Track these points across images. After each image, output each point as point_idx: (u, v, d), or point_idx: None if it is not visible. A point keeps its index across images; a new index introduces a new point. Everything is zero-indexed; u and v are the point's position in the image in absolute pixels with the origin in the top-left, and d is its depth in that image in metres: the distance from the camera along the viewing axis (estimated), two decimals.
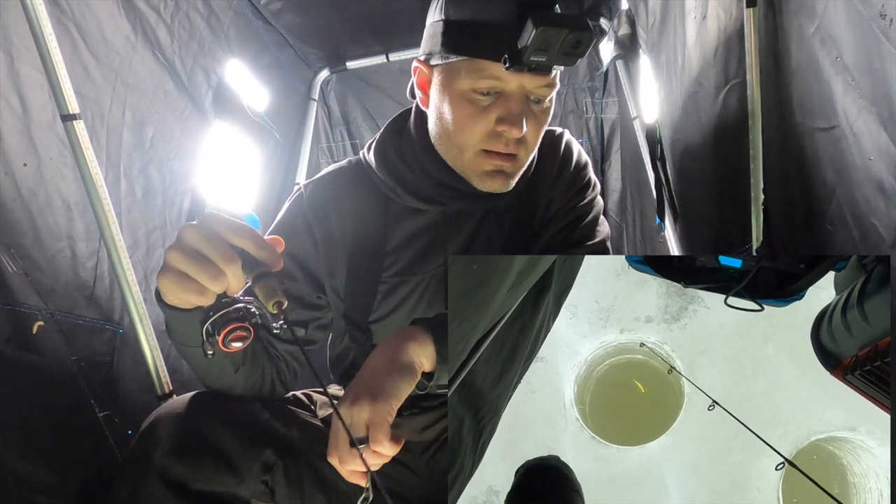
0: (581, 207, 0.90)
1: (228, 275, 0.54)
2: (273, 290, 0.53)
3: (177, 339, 0.69)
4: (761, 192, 1.04)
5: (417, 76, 0.83)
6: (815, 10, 0.78)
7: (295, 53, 1.99)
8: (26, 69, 1.01)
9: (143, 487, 0.68)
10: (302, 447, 0.80)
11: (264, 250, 0.55)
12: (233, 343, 0.56)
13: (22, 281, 0.99)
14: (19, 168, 1.01)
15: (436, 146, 0.84)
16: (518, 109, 0.74)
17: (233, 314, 0.56)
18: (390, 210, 0.88)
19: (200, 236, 0.54)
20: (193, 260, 0.54)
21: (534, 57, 0.69)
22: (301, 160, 2.13)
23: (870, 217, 0.73)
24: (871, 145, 0.70)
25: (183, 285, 0.55)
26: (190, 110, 1.46)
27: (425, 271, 0.86)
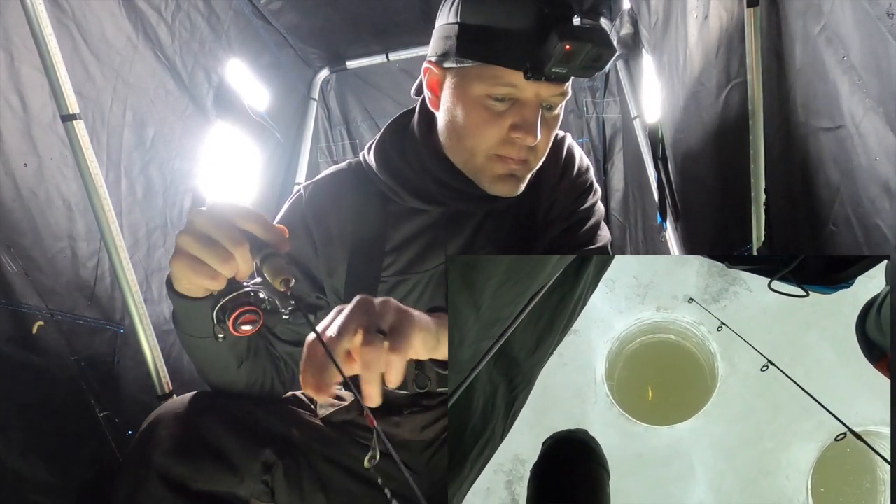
0: (582, 212, 0.90)
1: (237, 257, 0.55)
2: (280, 267, 0.53)
3: (185, 330, 0.69)
4: (763, 192, 1.03)
5: (428, 77, 0.82)
6: (822, 10, 0.77)
7: (295, 53, 2.00)
8: (26, 69, 1.01)
9: (143, 487, 0.68)
10: (302, 447, 0.80)
11: (271, 233, 0.56)
12: (242, 326, 0.56)
13: (22, 281, 0.99)
14: (20, 168, 1.01)
15: (445, 148, 0.83)
16: (533, 117, 0.74)
17: (242, 298, 0.57)
18: (390, 210, 0.88)
19: (209, 221, 0.55)
20: (204, 244, 0.55)
21: (555, 69, 0.69)
22: (301, 160, 2.13)
23: (874, 217, 0.72)
24: (877, 145, 0.70)
25: (195, 269, 0.56)
26: (191, 110, 1.46)
27: (425, 270, 0.86)
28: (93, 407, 1.05)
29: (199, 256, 0.55)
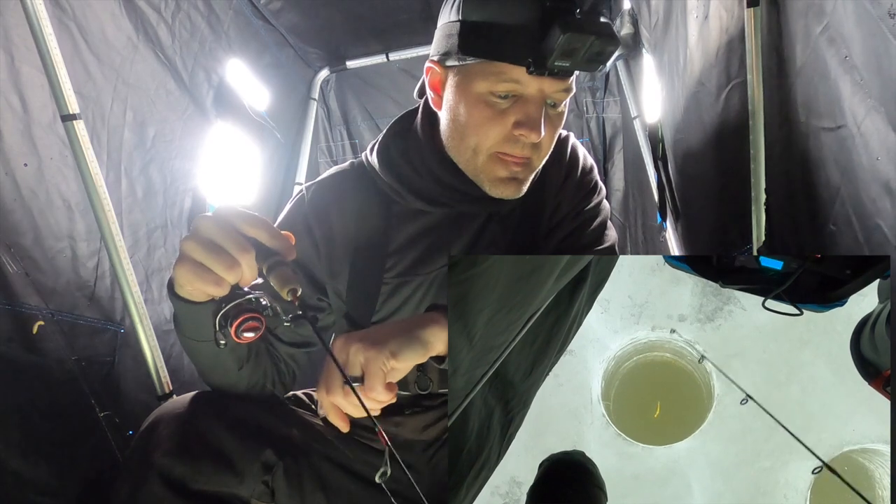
0: (588, 212, 0.89)
1: (243, 264, 0.55)
2: (287, 277, 0.53)
3: (186, 333, 0.69)
4: (763, 192, 1.03)
5: (430, 76, 0.82)
6: (824, 10, 0.77)
7: (295, 53, 1.99)
8: (27, 69, 1.01)
9: (143, 487, 0.68)
10: (302, 447, 0.80)
11: (277, 240, 0.56)
12: (245, 333, 0.56)
13: (22, 281, 0.99)
14: (20, 168, 1.01)
15: (448, 148, 0.83)
16: (536, 114, 0.74)
17: (245, 305, 0.57)
18: (392, 211, 0.88)
19: (215, 227, 0.55)
20: (209, 250, 0.55)
21: (558, 62, 0.68)
22: (301, 160, 2.13)
23: (875, 217, 0.72)
24: (878, 145, 0.69)
25: (199, 275, 0.56)
26: (191, 110, 1.46)
27: (428, 272, 0.86)
28: (93, 407, 1.05)
29: (204, 263, 0.55)
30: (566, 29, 0.65)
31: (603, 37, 0.67)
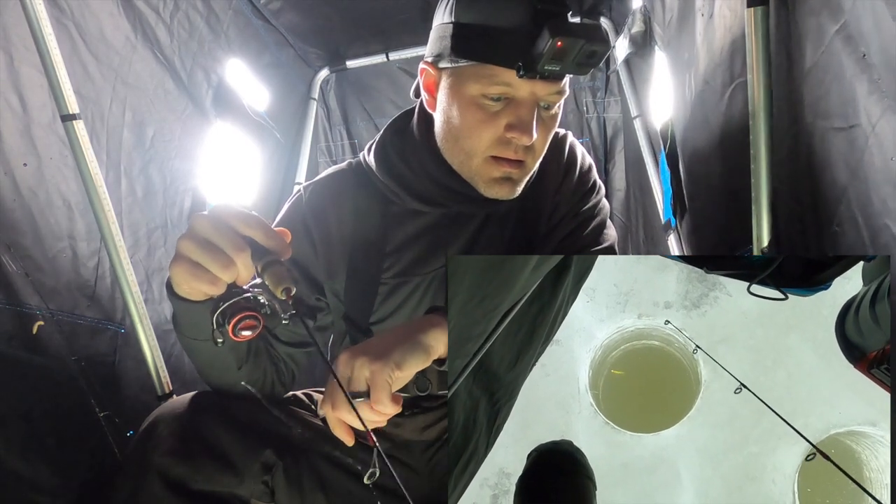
0: (586, 212, 0.89)
1: (238, 263, 0.55)
2: (282, 276, 0.53)
3: (184, 332, 0.69)
4: (764, 192, 1.03)
5: (424, 78, 0.82)
6: (842, 8, 0.76)
7: (295, 52, 1.99)
8: (26, 69, 1.01)
9: (143, 487, 0.68)
10: (302, 447, 0.80)
11: (273, 239, 0.56)
12: (242, 332, 0.56)
13: (23, 281, 0.99)
14: (19, 168, 1.01)
15: (442, 150, 0.83)
16: (528, 116, 0.73)
17: (242, 303, 0.57)
18: (390, 212, 0.88)
19: (211, 226, 0.55)
20: (205, 249, 0.55)
21: (548, 66, 0.68)
22: (301, 160, 2.13)
23: (884, 217, 0.71)
24: (893, 145, 0.69)
25: (195, 274, 0.56)
26: (190, 110, 1.46)
27: (426, 272, 0.86)
28: (93, 407, 1.05)
29: (200, 262, 0.55)
30: (556, 32, 0.65)
31: (593, 41, 0.66)
